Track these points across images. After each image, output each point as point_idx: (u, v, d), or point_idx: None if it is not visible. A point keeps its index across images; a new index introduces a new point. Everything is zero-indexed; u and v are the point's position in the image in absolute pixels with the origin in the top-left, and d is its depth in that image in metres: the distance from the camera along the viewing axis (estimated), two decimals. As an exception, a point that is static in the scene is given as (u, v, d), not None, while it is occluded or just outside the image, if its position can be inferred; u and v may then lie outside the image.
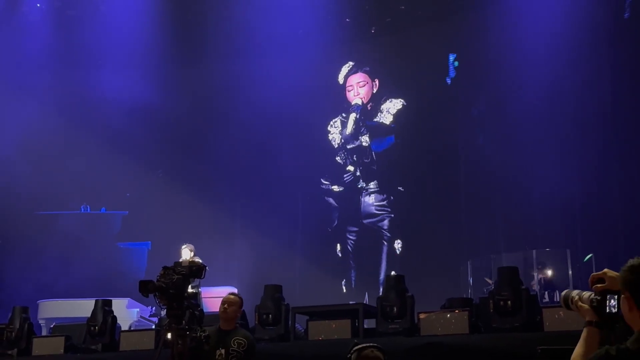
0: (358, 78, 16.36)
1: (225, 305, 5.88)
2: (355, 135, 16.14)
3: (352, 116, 16.22)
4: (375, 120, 16.05)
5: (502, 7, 14.03)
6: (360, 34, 16.37)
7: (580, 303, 2.73)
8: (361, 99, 16.21)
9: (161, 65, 16.49)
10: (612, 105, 13.09)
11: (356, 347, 4.63)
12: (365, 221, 15.70)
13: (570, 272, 11.85)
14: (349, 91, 16.42)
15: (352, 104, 16.29)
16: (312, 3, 15.33)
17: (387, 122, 15.88)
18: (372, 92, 16.20)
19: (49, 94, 16.18)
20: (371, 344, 4.69)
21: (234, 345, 5.73)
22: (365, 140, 16.02)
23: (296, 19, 15.42)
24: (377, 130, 16.00)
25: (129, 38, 15.78)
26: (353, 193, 15.95)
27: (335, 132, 16.40)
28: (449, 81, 15.38)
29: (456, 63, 15.25)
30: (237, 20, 15.56)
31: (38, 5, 16.44)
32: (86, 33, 16.03)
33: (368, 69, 16.32)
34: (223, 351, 5.69)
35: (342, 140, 16.27)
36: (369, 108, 16.18)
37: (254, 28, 15.51)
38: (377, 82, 16.21)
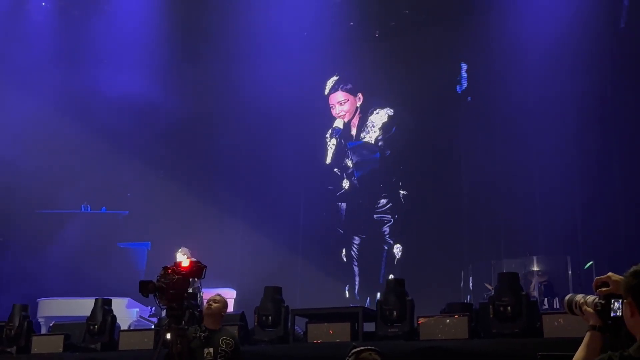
0: (339, 97, 16.32)
1: (210, 303, 5.97)
2: (340, 159, 16.14)
3: (332, 142, 16.22)
4: (360, 139, 16.04)
5: (507, 11, 14.03)
6: (363, 37, 16.36)
7: (584, 307, 2.73)
8: (342, 118, 16.22)
9: (164, 65, 16.50)
10: (613, 111, 13.11)
11: (354, 350, 4.64)
12: (365, 226, 15.68)
13: (570, 279, 11.84)
14: (332, 109, 16.42)
15: (333, 126, 16.26)
16: (317, 5, 15.34)
17: (373, 138, 15.86)
18: (356, 106, 16.19)
19: (52, 92, 16.20)
20: (369, 347, 4.70)
21: (222, 345, 5.79)
22: (349, 164, 16.03)
23: (300, 21, 15.42)
24: (361, 153, 15.98)
25: (131, 37, 15.81)
26: (353, 197, 15.94)
27: (330, 145, 16.41)
28: (458, 88, 15.36)
29: (465, 67, 15.24)
30: (241, 20, 15.56)
31: (43, 4, 16.47)
32: (89, 32, 16.06)
33: (350, 86, 16.26)
34: (211, 350, 5.75)
35: (331, 161, 16.30)
36: (354, 126, 16.16)
37: (257, 29, 15.51)
38: (360, 96, 16.17)
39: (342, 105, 16.25)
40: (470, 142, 14.53)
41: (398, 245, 15.19)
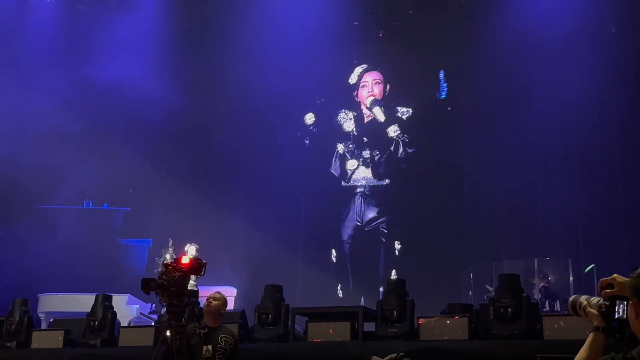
0: (374, 76, 16.27)
1: (210, 300, 5.96)
2: (380, 127, 16.00)
3: (377, 109, 16.11)
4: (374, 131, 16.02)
5: (511, 14, 14.00)
6: (367, 37, 16.34)
7: (588, 308, 2.72)
8: (374, 96, 16.16)
9: (167, 61, 16.49)
10: (615, 114, 13.11)
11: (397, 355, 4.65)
12: (364, 224, 15.67)
13: (571, 282, 11.83)
14: (362, 87, 16.31)
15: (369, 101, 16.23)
16: (321, 5, 15.32)
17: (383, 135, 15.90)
18: (384, 94, 16.15)
19: (55, 88, 16.17)
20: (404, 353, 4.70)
21: (221, 342, 5.78)
22: (393, 130, 15.85)
23: (304, 20, 15.40)
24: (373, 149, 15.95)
25: (136, 33, 15.81)
26: (353, 196, 15.93)
27: (349, 123, 16.29)
28: (445, 92, 15.35)
29: (441, 76, 15.18)
30: (246, 19, 15.57)
31: (47, -1, 16.48)
32: (93, 27, 16.06)
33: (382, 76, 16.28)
34: (210, 347, 5.74)
35: (356, 132, 16.15)
36: (369, 116, 16.16)
37: (262, 27, 15.51)
38: (388, 86, 16.17)
39: (375, 84, 16.20)
40: (472, 144, 14.53)
41: (397, 244, 15.18)
